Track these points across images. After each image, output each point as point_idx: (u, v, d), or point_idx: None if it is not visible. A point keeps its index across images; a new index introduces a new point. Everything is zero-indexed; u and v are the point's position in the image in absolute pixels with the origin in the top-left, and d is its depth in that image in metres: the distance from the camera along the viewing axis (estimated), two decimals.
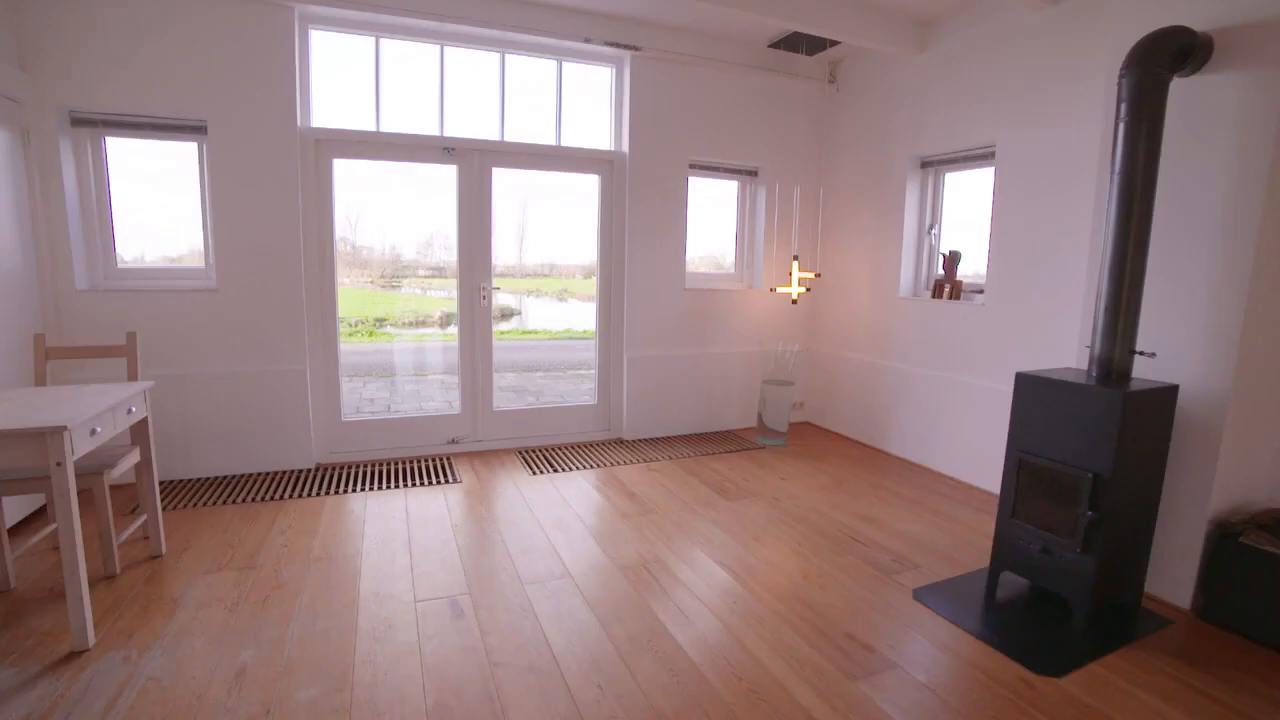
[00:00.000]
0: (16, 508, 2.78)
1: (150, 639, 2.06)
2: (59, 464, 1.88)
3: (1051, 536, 2.34)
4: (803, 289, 4.64)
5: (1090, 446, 2.20)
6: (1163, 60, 2.20)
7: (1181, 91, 2.35)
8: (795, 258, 4.55)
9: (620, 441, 4.58)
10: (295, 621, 2.18)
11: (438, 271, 4.43)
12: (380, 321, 4.54)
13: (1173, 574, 2.45)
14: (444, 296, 4.42)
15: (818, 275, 4.87)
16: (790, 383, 4.63)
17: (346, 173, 3.86)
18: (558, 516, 3.20)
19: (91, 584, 2.36)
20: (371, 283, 4.42)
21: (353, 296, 4.44)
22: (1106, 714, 1.85)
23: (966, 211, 4.07)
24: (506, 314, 5.16)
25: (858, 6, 3.75)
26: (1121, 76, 2.26)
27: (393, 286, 4.41)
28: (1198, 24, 2.27)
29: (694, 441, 4.60)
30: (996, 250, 3.59)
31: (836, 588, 2.54)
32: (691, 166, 4.59)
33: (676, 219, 4.55)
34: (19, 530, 2.74)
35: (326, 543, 2.80)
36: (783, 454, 4.37)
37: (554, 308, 4.99)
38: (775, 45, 4.41)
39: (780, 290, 4.61)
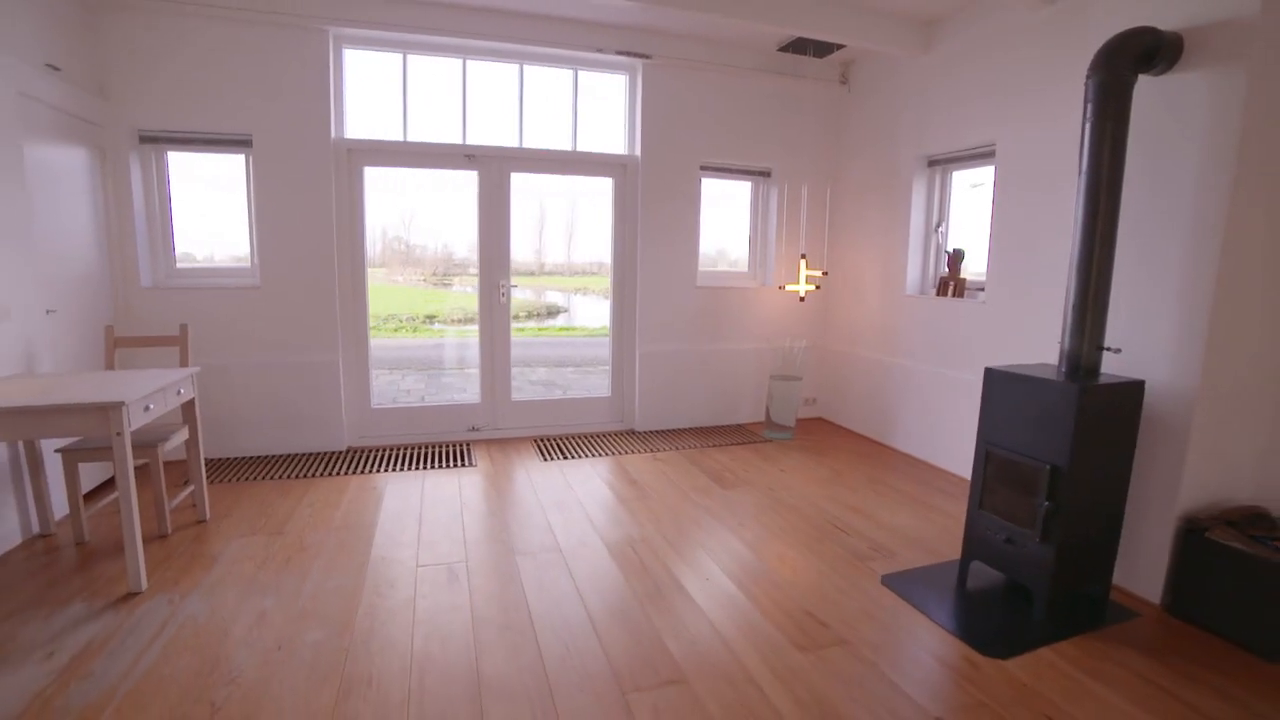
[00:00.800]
0: (91, 476, 3.20)
1: (191, 586, 2.40)
2: (118, 433, 2.23)
3: (1015, 527, 2.41)
4: (811, 287, 4.72)
5: (1049, 439, 2.27)
6: (1127, 62, 2.24)
7: (1152, 91, 2.37)
8: (803, 256, 4.64)
9: (632, 433, 4.78)
10: (311, 578, 2.49)
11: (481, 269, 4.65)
12: (430, 318, 4.86)
13: (1144, 568, 2.47)
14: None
15: (825, 273, 4.94)
16: (797, 378, 4.73)
17: (406, 173, 4.22)
18: (559, 499, 3.43)
19: (146, 541, 2.73)
20: (424, 280, 4.71)
21: (405, 294, 4.77)
22: (1043, 694, 1.94)
23: (975, 209, 4.07)
24: (554, 311, 5.40)
25: (859, 10, 3.83)
26: (1088, 78, 2.30)
27: (444, 284, 4.69)
28: (1167, 23, 2.29)
29: (703, 434, 4.76)
30: (996, 248, 3.61)
31: (808, 571, 2.67)
32: (703, 168, 4.74)
33: (688, 219, 4.71)
34: (93, 495, 3.16)
35: (347, 515, 3.12)
36: (788, 447, 4.48)
37: (600, 305, 5.15)
38: (784, 49, 4.51)
39: (789, 288, 4.70)
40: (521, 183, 4.47)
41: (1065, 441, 2.21)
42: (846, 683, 1.95)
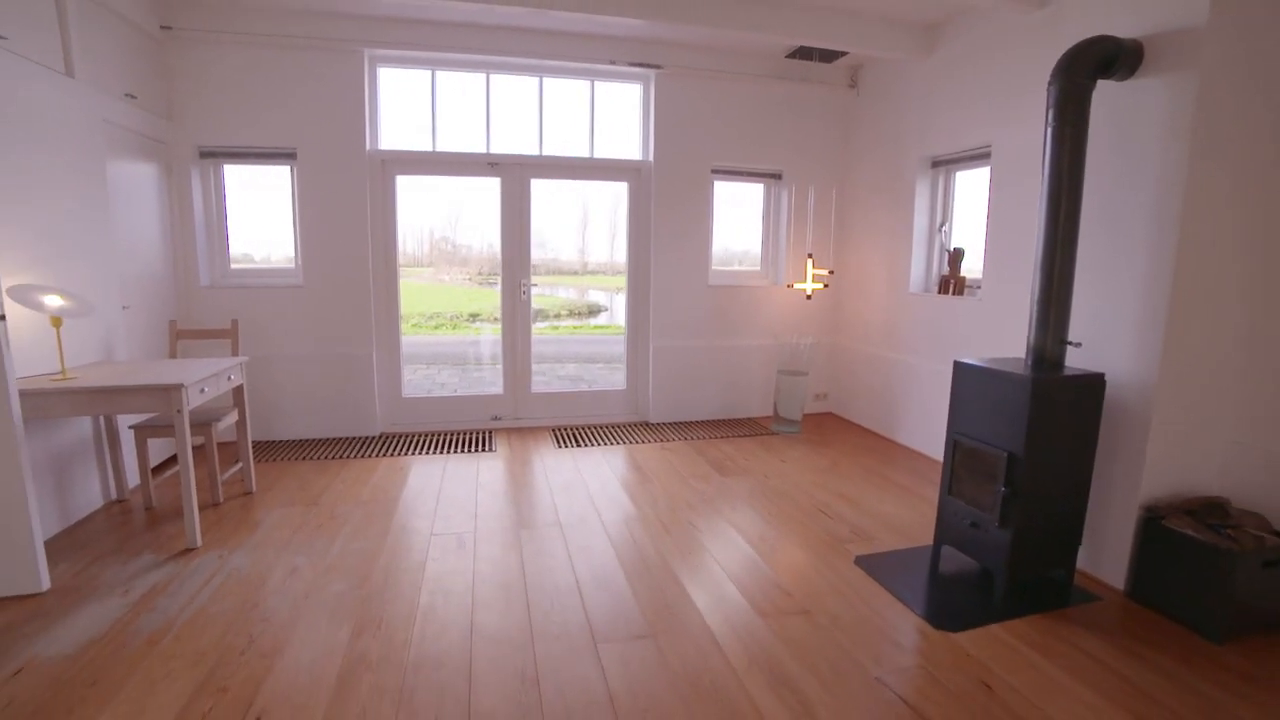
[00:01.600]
0: (157, 453, 3.65)
1: (237, 545, 2.78)
2: (178, 410, 2.62)
3: (979, 512, 2.54)
4: (819, 285, 4.86)
5: (1007, 428, 2.40)
6: (1085, 69, 2.35)
7: (1118, 95, 2.47)
8: (809, 255, 4.78)
9: (645, 424, 5.02)
10: (338, 542, 2.83)
11: (532, 269, 4.91)
12: (474, 316, 5.18)
13: (1108, 554, 2.57)
14: (534, 294, 4.88)
15: (831, 272, 5.05)
16: (804, 373, 4.87)
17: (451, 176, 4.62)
18: (567, 481, 3.71)
19: (202, 508, 3.14)
20: (469, 279, 5.02)
21: (450, 293, 5.07)
22: (983, 662, 2.09)
23: (977, 210, 4.14)
24: (594, 310, 5.66)
25: (860, 18, 3.95)
26: (1049, 84, 2.42)
27: (489, 284, 4.94)
28: (1130, 31, 2.39)
29: (713, 426, 4.96)
30: (992, 247, 3.69)
31: (785, 549, 2.86)
32: (715, 171, 4.93)
33: (700, 220, 4.91)
34: (158, 469, 3.60)
35: (375, 491, 3.47)
36: (793, 440, 4.64)
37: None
38: (791, 56, 4.66)
39: (796, 286, 4.85)
40: (562, 185, 4.78)
41: (1020, 431, 2.34)
42: (798, 645, 2.15)
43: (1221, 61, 2.20)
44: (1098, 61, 2.35)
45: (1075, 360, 2.61)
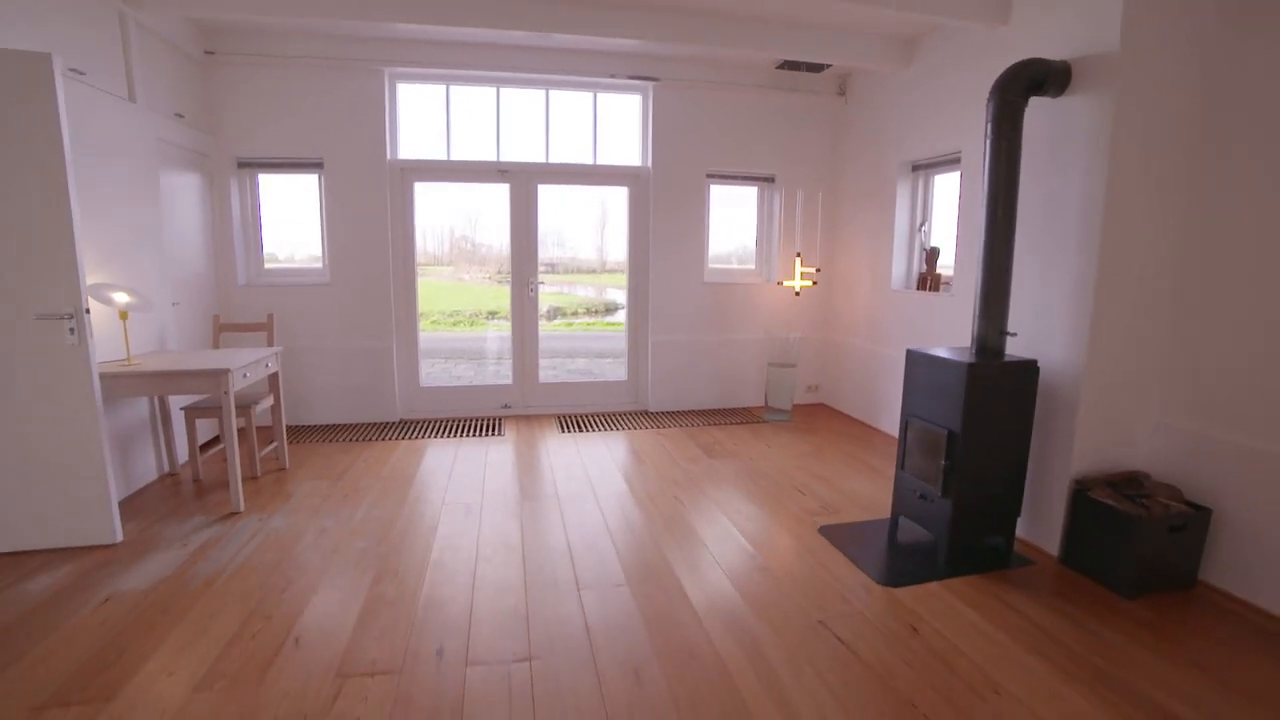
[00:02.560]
0: (203, 433, 4.08)
1: (274, 510, 3.18)
2: (225, 392, 3.02)
3: (926, 485, 2.84)
4: (807, 283, 5.14)
5: (948, 409, 2.69)
6: (1018, 89, 2.62)
7: (1049, 110, 2.74)
8: (798, 254, 5.07)
9: (645, 413, 5.36)
10: (361, 509, 3.22)
11: (550, 268, 5.22)
12: (493, 314, 5.54)
13: (1045, 523, 2.85)
14: (552, 292, 5.23)
15: (818, 270, 5.33)
16: (792, 365, 5.17)
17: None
18: (568, 462, 4.06)
19: (243, 481, 3.55)
20: (488, 278, 5.35)
21: (469, 291, 5.42)
22: (915, 611, 2.39)
23: (953, 211, 4.39)
24: (611, 308, 5.97)
25: (842, 32, 4.24)
26: (988, 102, 2.70)
27: (508, 282, 5.19)
28: (1059, 54, 2.66)
29: (709, 415, 5.28)
30: (963, 245, 3.95)
31: (757, 521, 3.18)
32: (710, 176, 5.24)
33: (696, 222, 5.22)
34: (204, 448, 4.04)
35: (393, 469, 3.86)
36: (782, 428, 4.94)
37: None
38: (781, 67, 4.94)
39: (786, 284, 5.14)
40: (581, 187, 5.20)
41: (958, 411, 2.63)
42: (756, 596, 2.47)
43: (1135, 82, 2.47)
44: (1029, 82, 2.63)
45: (1016, 349, 2.89)
